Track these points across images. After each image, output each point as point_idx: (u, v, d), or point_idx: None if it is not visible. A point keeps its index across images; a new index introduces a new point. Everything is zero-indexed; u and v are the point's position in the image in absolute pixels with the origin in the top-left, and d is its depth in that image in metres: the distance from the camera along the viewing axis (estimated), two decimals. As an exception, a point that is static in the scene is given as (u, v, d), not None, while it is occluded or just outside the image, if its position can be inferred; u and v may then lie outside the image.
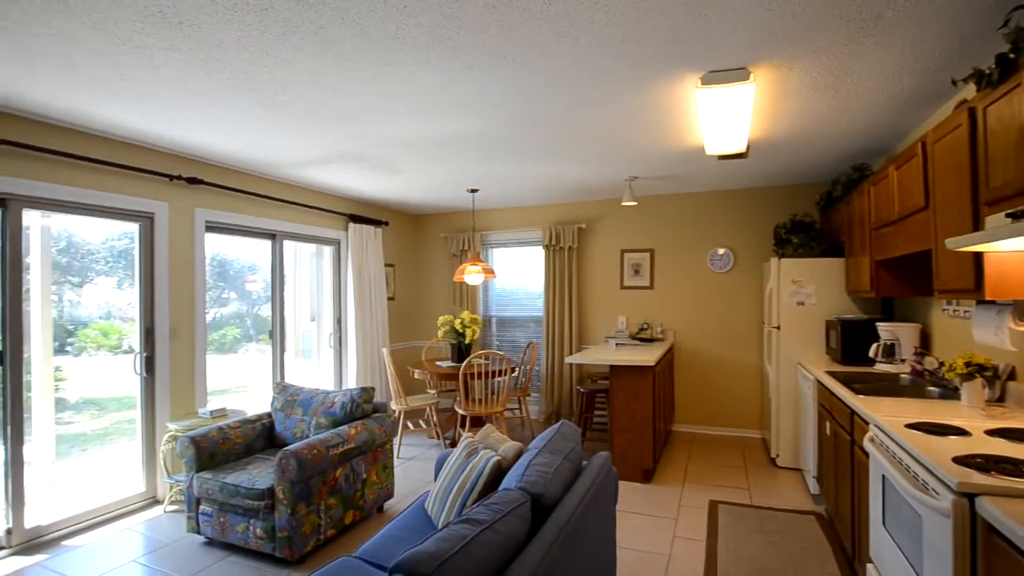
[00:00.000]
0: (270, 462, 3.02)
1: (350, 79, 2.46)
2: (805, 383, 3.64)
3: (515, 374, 5.20)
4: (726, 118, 2.73)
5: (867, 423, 2.17)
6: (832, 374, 3.09)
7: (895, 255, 2.84)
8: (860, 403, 2.31)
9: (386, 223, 5.80)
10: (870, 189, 3.18)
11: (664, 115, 2.98)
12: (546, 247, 5.67)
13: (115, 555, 2.86)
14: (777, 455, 4.12)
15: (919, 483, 1.60)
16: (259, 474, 2.84)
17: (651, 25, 1.99)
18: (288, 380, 4.60)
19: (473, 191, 5.03)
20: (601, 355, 4.18)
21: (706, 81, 2.41)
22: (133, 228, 3.59)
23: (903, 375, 2.97)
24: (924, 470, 1.58)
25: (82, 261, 3.98)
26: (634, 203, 4.69)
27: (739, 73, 2.36)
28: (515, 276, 6.23)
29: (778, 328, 4.09)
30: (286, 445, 3.28)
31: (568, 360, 4.18)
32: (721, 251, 5.14)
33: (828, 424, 2.96)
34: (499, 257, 6.26)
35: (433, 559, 1.22)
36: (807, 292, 4.02)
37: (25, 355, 3.02)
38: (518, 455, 2.16)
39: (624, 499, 3.55)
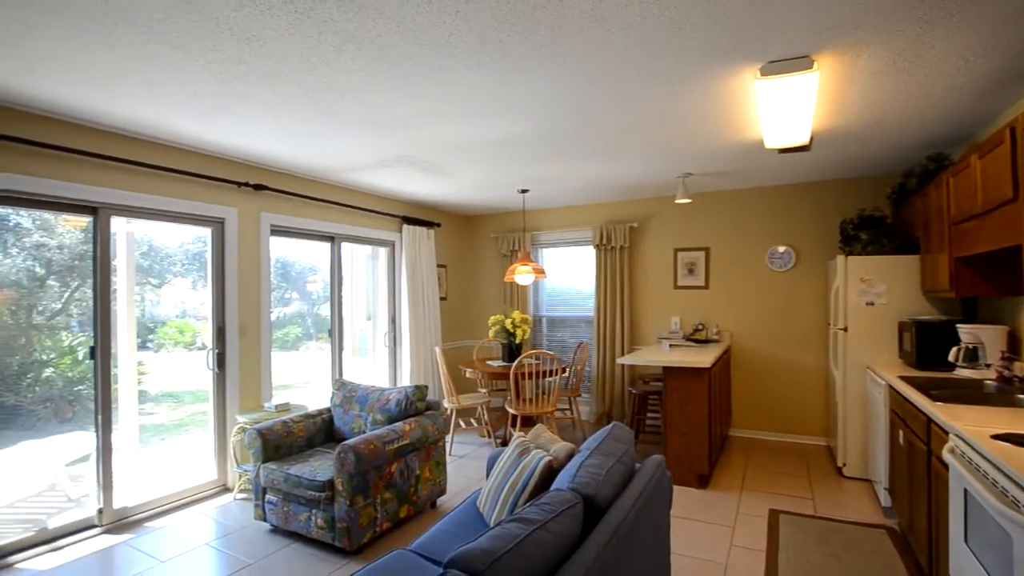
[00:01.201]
0: (330, 455, 3.15)
1: (404, 85, 2.53)
2: (875, 388, 3.43)
3: (566, 374, 5.17)
4: (787, 110, 2.61)
5: (947, 433, 2.02)
6: (906, 379, 2.89)
7: (978, 251, 2.62)
8: (939, 411, 2.15)
9: (438, 224, 5.91)
10: (949, 180, 2.96)
11: (720, 109, 2.88)
12: (597, 246, 5.61)
13: (190, 538, 3.07)
14: (844, 464, 3.90)
15: (1008, 499, 1.47)
16: (320, 467, 2.96)
17: (706, 17, 1.93)
18: (346, 377, 4.78)
19: (523, 191, 5.05)
20: (654, 356, 4.09)
21: (765, 72, 2.32)
22: (206, 232, 3.83)
23: (988, 381, 2.74)
24: (1014, 485, 1.45)
25: (161, 264, 4.29)
26: (688, 200, 4.56)
27: (801, 62, 2.25)
28: (566, 276, 6.20)
29: (845, 330, 3.87)
30: (344, 439, 3.41)
31: (620, 361, 4.12)
32: (781, 249, 4.92)
33: (901, 433, 2.77)
34: (549, 257, 6.25)
35: (487, 556, 1.24)
36: (877, 291, 3.79)
37: (113, 350, 3.29)
38: (569, 456, 2.15)
39: (678, 504, 3.46)
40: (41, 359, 3.46)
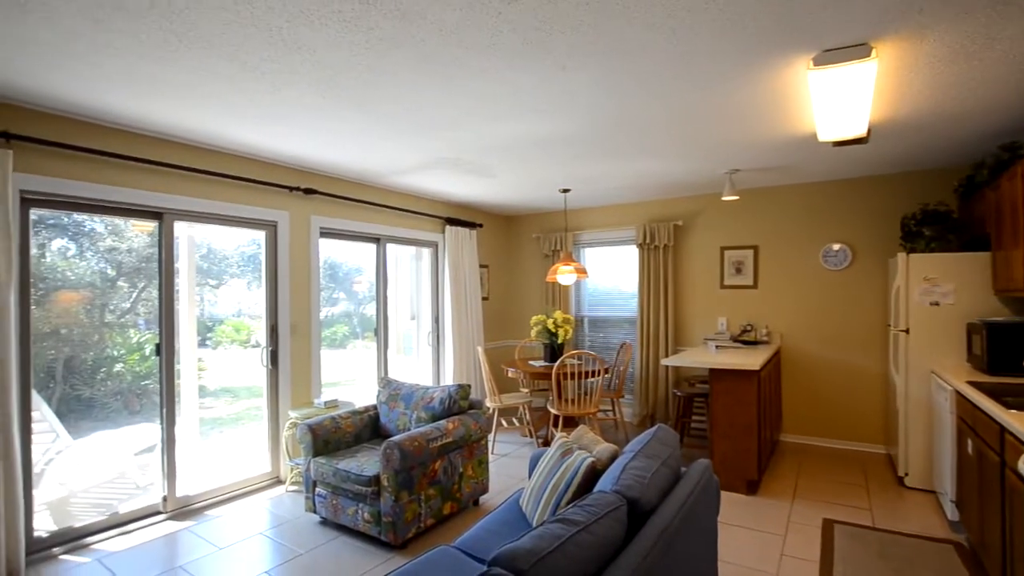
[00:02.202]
0: (376, 451, 3.23)
1: (446, 88, 2.56)
2: (940, 394, 3.23)
3: (608, 375, 5.12)
4: (843, 101, 2.49)
5: (1022, 443, 1.88)
6: (976, 385, 2.71)
7: (1059, 248, 2.43)
8: (1013, 419, 2.01)
9: (480, 225, 5.97)
10: (1025, 172, 2.75)
11: (769, 102, 2.79)
12: (640, 246, 5.52)
13: (246, 527, 3.21)
14: (906, 474, 3.69)
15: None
16: (366, 462, 3.05)
17: (755, 6, 1.87)
18: (391, 375, 4.89)
19: (565, 191, 5.03)
20: (700, 357, 3.99)
21: (819, 62, 2.22)
22: (260, 235, 4.01)
23: (1071, 388, 2.54)
24: (1101, 501, 1.34)
25: (219, 265, 4.51)
26: (735, 197, 4.42)
27: (859, 50, 2.15)
28: (608, 276, 6.13)
29: (906, 331, 3.67)
30: (390, 436, 3.49)
31: (664, 362, 4.04)
32: (836, 247, 4.70)
33: (970, 442, 2.60)
34: (592, 257, 6.20)
35: (530, 555, 1.24)
36: (943, 291, 3.57)
37: (176, 347, 3.48)
38: (612, 457, 2.13)
39: (726, 510, 3.37)
40: (112, 355, 3.71)
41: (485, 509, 3.44)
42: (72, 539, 2.98)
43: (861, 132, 2.88)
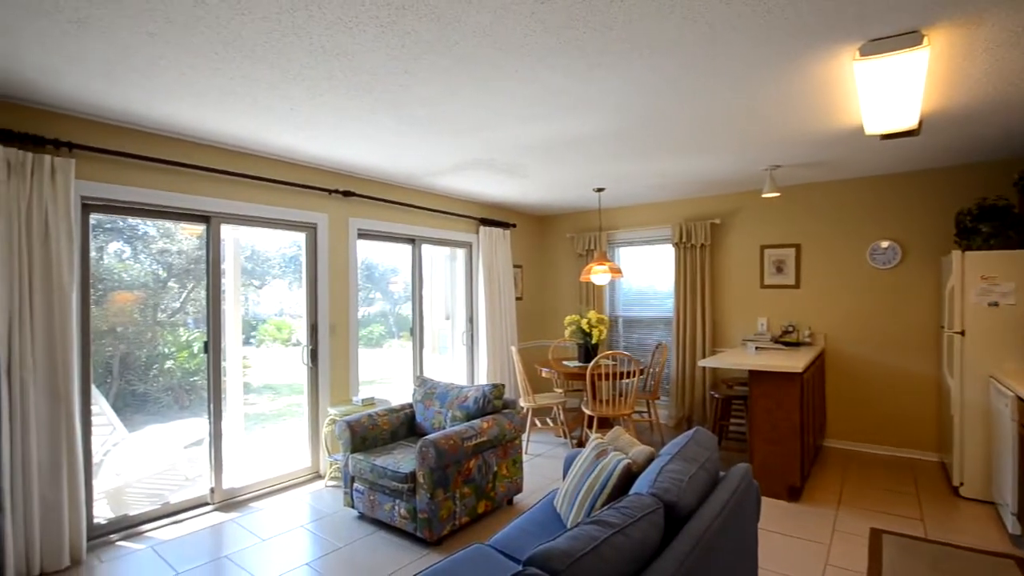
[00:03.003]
0: (412, 449, 3.28)
1: (481, 89, 2.58)
2: (1000, 400, 3.05)
3: (643, 376, 5.05)
4: (891, 92, 2.38)
5: (1093, 452, 1.76)
6: (1040, 390, 2.55)
7: None
8: (1082, 427, 1.88)
9: (514, 225, 5.98)
10: (1096, 163, 2.57)
11: (812, 95, 2.69)
12: (676, 245, 5.42)
13: (287, 520, 3.32)
14: (961, 483, 3.50)
15: None
16: (402, 459, 3.10)
17: (797, -1, 1.81)
18: (426, 374, 4.95)
19: (599, 190, 4.99)
20: (739, 359, 3.89)
21: (865, 52, 2.13)
22: (300, 237, 4.13)
23: None
24: None
25: (262, 267, 4.67)
26: (776, 194, 4.29)
27: (909, 38, 2.05)
28: (643, 275, 6.05)
29: (962, 333, 3.48)
30: (425, 434, 3.54)
31: (701, 363, 3.96)
32: (885, 244, 4.50)
33: (1034, 450, 2.45)
34: (626, 256, 6.13)
35: (566, 556, 1.24)
36: (1003, 291, 3.37)
37: (222, 345, 3.62)
38: (649, 460, 2.10)
39: (767, 517, 3.27)
40: (163, 352, 3.89)
41: (519, 509, 3.44)
42: (128, 527, 3.14)
43: (912, 124, 2.75)
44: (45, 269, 2.69)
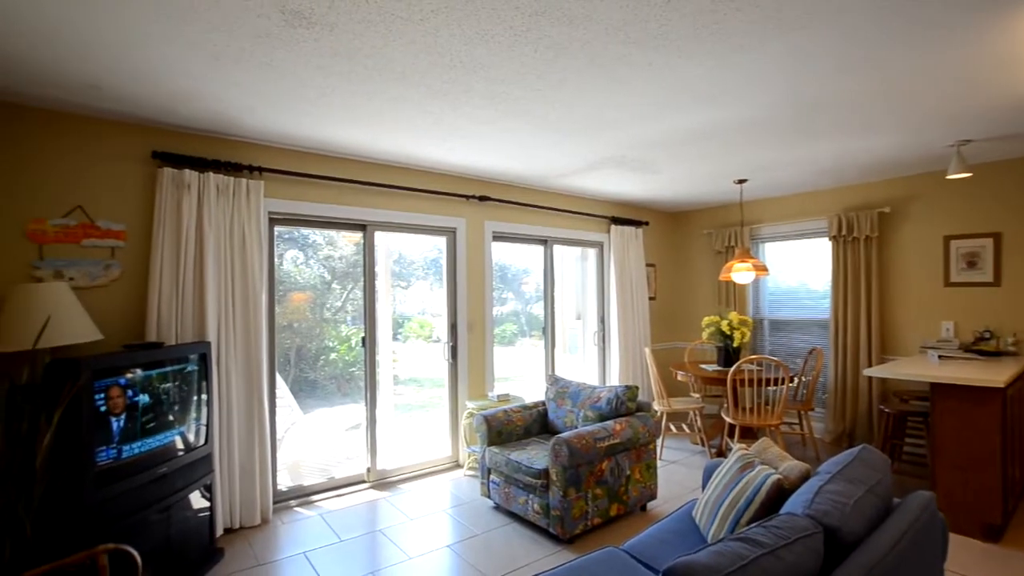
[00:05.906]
0: (544, 446, 3.35)
1: (611, 86, 2.55)
2: None
3: (794, 384, 4.59)
4: None
5: None
6: None
7: None
8: None
9: (646, 223, 5.80)
10: None
11: (1009, 52, 2.23)
12: (833, 238, 4.83)
13: (430, 503, 3.58)
14: None
15: None
16: (536, 455, 3.17)
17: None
18: (557, 373, 5.01)
19: (740, 181, 4.63)
20: (918, 369, 3.36)
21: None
22: (440, 241, 4.42)
23: None
24: None
25: (407, 269, 5.10)
26: (967, 174, 3.62)
27: None
28: (792, 273, 5.49)
29: None
30: (557, 432, 3.59)
31: (867, 372, 3.48)
32: None
33: None
34: (772, 252, 5.61)
35: (709, 571, 1.18)
36: None
37: (376, 340, 4.01)
38: (803, 477, 1.91)
39: (955, 557, 2.78)
40: (328, 345, 4.43)
41: (653, 516, 3.33)
42: (302, 495, 3.63)
43: None
44: (243, 274, 3.21)
